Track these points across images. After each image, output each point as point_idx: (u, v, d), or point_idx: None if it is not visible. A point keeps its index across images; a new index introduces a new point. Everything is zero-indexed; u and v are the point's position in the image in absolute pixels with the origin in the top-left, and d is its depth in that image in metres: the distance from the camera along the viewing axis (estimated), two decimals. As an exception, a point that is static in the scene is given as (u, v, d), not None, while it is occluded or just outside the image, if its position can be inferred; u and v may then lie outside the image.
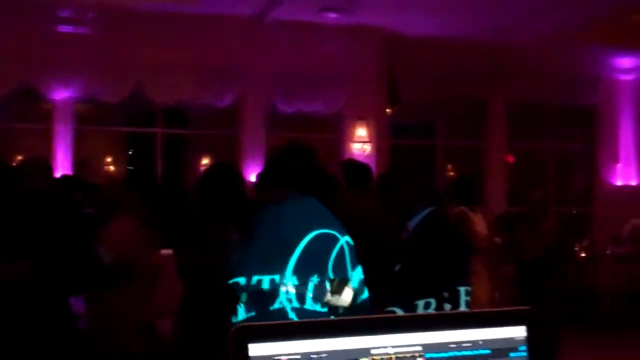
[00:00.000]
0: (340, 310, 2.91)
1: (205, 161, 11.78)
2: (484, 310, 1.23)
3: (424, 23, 9.60)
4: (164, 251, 4.94)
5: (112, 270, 4.24)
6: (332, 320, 1.64)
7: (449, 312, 1.41)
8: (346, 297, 2.90)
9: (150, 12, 9.24)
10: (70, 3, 9.06)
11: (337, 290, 2.89)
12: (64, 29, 9.39)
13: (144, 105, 9.97)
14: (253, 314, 2.90)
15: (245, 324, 1.14)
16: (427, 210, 3.55)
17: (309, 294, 2.86)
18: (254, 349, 1.13)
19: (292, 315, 2.85)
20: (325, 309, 2.90)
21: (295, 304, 2.86)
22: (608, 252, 10.38)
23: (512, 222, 7.96)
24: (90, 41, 9.32)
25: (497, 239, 7.07)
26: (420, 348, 1.20)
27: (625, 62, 11.87)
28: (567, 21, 9.30)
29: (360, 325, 1.20)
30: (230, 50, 9.66)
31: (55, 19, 9.28)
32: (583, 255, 9.89)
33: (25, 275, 3.79)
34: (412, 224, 3.56)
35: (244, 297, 2.93)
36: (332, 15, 9.36)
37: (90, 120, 10.21)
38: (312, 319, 2.67)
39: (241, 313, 2.93)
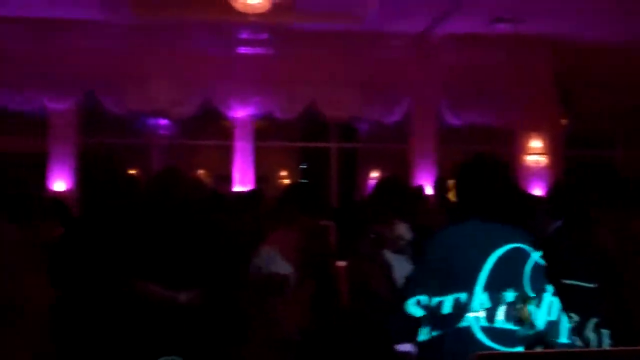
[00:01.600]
0: (532, 329, 2.75)
1: (375, 174, 11.95)
2: None
3: (597, 29, 9.21)
4: (339, 263, 5.06)
5: (275, 283, 4.26)
6: (579, 352, 1.60)
7: None
8: (541, 313, 2.76)
9: (320, 32, 9.57)
10: (247, 25, 9.49)
11: (532, 306, 2.76)
12: (242, 50, 9.88)
13: (317, 121, 10.27)
14: (439, 332, 2.81)
15: (485, 352, 1.15)
16: (557, 224, 3.42)
17: (501, 311, 2.75)
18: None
19: (481, 335, 2.71)
20: (518, 327, 2.75)
21: (484, 323, 2.74)
22: None
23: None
24: (266, 61, 9.76)
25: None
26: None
27: None
28: None
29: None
30: (398, 65, 9.78)
31: (234, 41, 9.79)
32: None
33: (198, 301, 3.93)
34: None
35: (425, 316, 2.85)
36: (502, 26, 9.18)
37: (267, 136, 10.65)
38: (560, 350, 2.58)
39: (425, 332, 2.86)
